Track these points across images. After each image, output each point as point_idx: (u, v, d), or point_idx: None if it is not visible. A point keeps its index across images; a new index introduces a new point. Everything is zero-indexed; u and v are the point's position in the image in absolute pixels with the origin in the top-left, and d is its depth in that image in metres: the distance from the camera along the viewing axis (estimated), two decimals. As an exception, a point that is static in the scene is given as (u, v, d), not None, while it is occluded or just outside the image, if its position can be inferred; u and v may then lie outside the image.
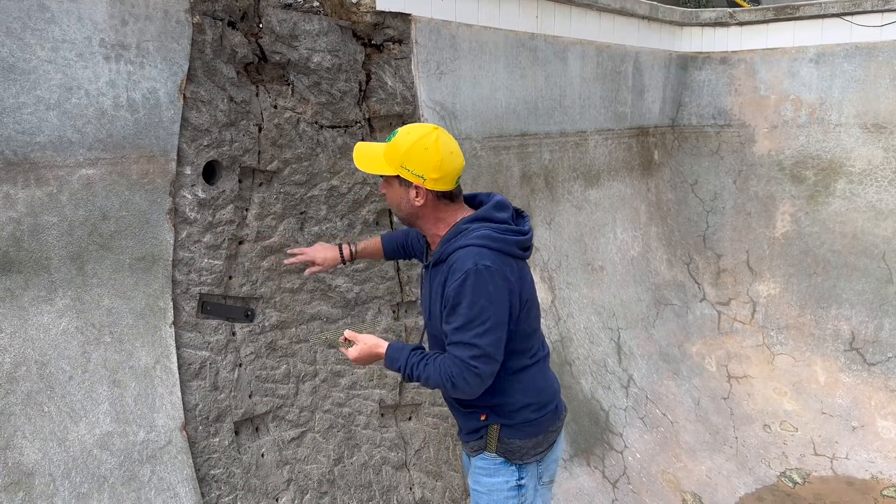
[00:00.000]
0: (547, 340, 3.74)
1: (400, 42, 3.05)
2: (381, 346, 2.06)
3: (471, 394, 1.96)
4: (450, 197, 2.01)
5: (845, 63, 4.84)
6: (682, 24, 5.24)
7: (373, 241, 2.51)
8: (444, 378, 1.92)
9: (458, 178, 2.02)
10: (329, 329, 2.82)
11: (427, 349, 2.12)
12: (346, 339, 2.12)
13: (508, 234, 1.96)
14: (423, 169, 1.94)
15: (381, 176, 2.06)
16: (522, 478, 2.13)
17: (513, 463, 2.11)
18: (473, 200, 2.11)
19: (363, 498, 2.85)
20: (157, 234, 2.26)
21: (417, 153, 1.94)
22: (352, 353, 2.07)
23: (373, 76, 2.96)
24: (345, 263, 2.51)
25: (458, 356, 1.90)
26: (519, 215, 2.10)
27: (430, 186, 1.95)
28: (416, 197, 1.97)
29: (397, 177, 1.98)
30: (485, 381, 1.93)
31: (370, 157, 2.03)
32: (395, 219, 3.08)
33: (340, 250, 2.47)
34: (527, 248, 2.03)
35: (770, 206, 5.11)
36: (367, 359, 2.09)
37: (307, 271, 2.48)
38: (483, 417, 2.10)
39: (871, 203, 4.77)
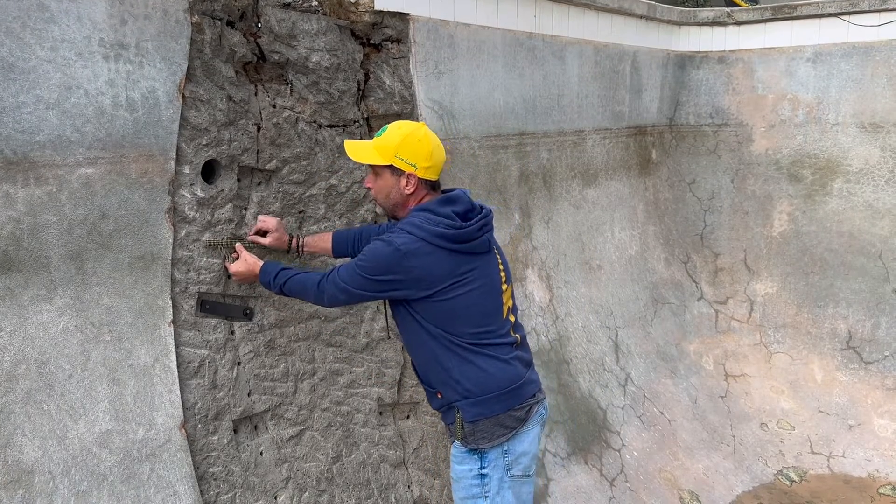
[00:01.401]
0: (544, 339, 3.77)
1: (398, 41, 3.05)
2: (259, 263, 2.39)
3: (318, 300, 2.26)
4: (433, 187, 2.25)
5: (843, 62, 4.85)
6: (679, 24, 5.25)
7: (323, 237, 2.65)
8: (308, 279, 2.26)
9: (441, 170, 2.26)
10: (327, 327, 2.83)
11: None
12: (235, 254, 2.44)
13: (439, 225, 2.12)
14: (415, 158, 2.17)
15: (370, 169, 2.27)
16: (485, 467, 2.21)
17: (475, 451, 2.21)
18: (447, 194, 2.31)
19: (361, 496, 2.86)
20: (156, 233, 2.27)
21: (411, 144, 2.16)
22: (232, 266, 2.42)
23: (371, 75, 2.97)
24: (289, 251, 2.64)
25: (331, 272, 2.22)
26: (474, 210, 2.24)
27: (421, 175, 2.18)
28: (407, 185, 2.19)
29: (389, 167, 2.19)
30: (331, 299, 2.23)
31: (362, 150, 2.25)
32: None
33: (290, 239, 2.61)
34: (463, 241, 2.15)
35: (767, 205, 5.13)
36: (246, 273, 2.40)
37: (249, 236, 2.55)
38: (439, 395, 2.25)
39: (868, 202, 4.79)
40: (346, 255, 2.61)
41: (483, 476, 2.21)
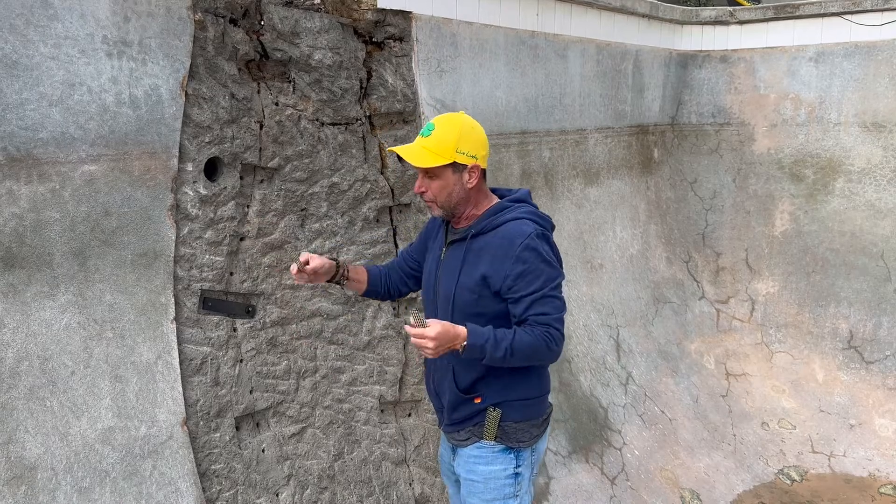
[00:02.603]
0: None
1: (401, 40, 3.05)
2: (458, 326, 1.91)
3: (559, 354, 2.01)
4: (484, 176, 2.13)
5: (845, 62, 4.85)
6: (682, 23, 5.25)
7: (360, 270, 2.34)
8: (541, 340, 1.94)
9: None
10: (329, 324, 2.84)
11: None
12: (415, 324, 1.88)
13: (546, 219, 2.11)
14: (475, 149, 2.04)
15: (422, 173, 2.05)
16: (520, 465, 2.16)
17: (511, 450, 2.14)
18: (495, 193, 2.20)
19: (363, 493, 2.86)
20: (158, 231, 2.27)
21: (469, 135, 2.03)
22: (430, 332, 1.84)
23: (373, 74, 2.97)
24: (336, 278, 2.24)
25: (548, 315, 1.96)
26: None
27: (482, 164, 2.06)
28: (470, 179, 2.05)
29: (451, 165, 2.02)
30: (564, 339, 2.01)
31: (418, 154, 2.02)
32: (395, 216, 3.10)
33: (337, 267, 2.24)
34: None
35: (769, 204, 5.12)
36: (447, 338, 1.87)
37: (298, 272, 2.13)
38: (478, 401, 2.12)
39: (870, 202, 4.79)
40: (377, 293, 2.37)
41: (517, 475, 2.16)
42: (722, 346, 4.92)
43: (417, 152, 2.03)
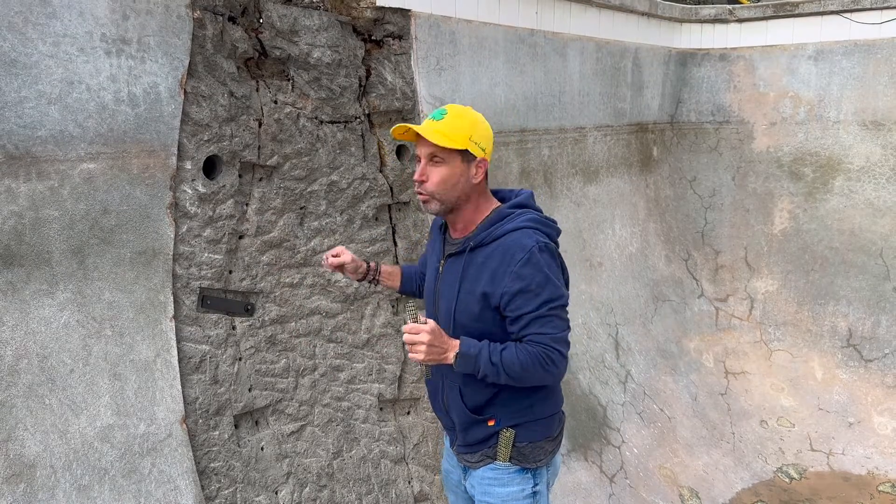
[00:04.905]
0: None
1: (400, 38, 3.05)
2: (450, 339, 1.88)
3: (559, 376, 1.90)
4: (486, 177, 1.98)
5: (844, 60, 4.85)
6: (681, 21, 5.24)
7: (395, 270, 2.38)
8: (536, 359, 1.83)
9: None
10: (328, 322, 2.84)
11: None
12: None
13: (552, 227, 1.98)
14: (485, 142, 1.92)
15: (426, 159, 1.92)
16: (538, 484, 2.06)
17: (527, 470, 2.03)
18: (496, 195, 2.06)
19: (362, 491, 2.87)
20: (157, 229, 2.27)
21: (481, 126, 1.92)
22: (426, 327, 1.80)
23: (373, 71, 2.97)
24: (364, 279, 2.32)
25: (546, 335, 1.84)
26: None
27: (489, 160, 1.95)
28: (476, 173, 1.92)
29: (462, 152, 1.89)
30: (567, 361, 1.89)
31: (430, 133, 1.88)
32: (394, 214, 3.10)
33: (367, 266, 2.32)
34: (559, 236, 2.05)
35: (768, 202, 5.13)
36: (440, 341, 1.83)
37: (332, 261, 2.24)
38: (491, 423, 2.02)
39: (869, 200, 4.79)
40: (412, 291, 2.37)
41: (536, 494, 2.05)
42: (721, 344, 4.92)
43: (429, 132, 1.87)
